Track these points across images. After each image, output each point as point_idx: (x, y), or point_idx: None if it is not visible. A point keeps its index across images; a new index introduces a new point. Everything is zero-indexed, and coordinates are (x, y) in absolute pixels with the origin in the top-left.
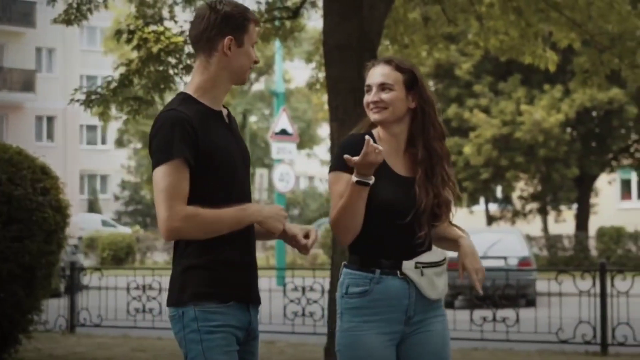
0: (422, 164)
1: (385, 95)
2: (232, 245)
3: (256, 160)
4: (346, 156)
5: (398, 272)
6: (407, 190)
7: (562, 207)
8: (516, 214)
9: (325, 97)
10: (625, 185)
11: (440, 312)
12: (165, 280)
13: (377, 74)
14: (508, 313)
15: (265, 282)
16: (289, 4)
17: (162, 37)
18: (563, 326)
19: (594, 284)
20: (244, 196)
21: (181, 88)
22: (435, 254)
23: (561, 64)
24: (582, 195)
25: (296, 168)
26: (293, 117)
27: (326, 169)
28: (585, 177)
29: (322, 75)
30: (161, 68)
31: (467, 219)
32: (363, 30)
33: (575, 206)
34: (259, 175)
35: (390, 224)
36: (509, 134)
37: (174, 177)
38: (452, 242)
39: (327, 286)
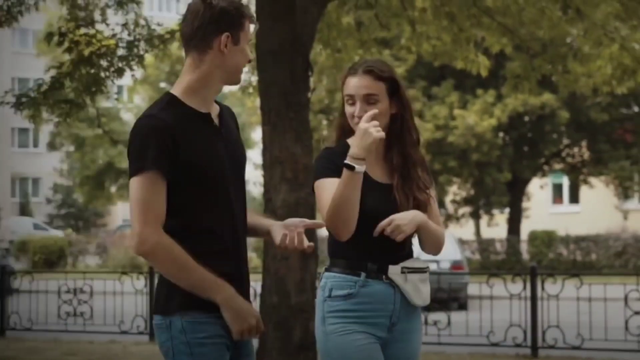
0: (398, 170)
1: (372, 109)
2: (221, 254)
3: None
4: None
5: (384, 276)
6: (388, 197)
7: (495, 211)
8: (449, 217)
9: (258, 101)
10: (557, 189)
11: (419, 323)
12: (97, 284)
13: (359, 85)
14: (439, 316)
15: None
16: None
17: (93, 40)
18: (494, 329)
19: (524, 288)
20: (233, 211)
21: (115, 90)
22: (419, 260)
23: (494, 69)
24: (514, 200)
25: None
26: None
27: (260, 172)
28: (517, 181)
29: (255, 79)
30: (92, 71)
31: None
32: (295, 35)
33: (507, 210)
34: None
35: (372, 230)
36: (442, 138)
37: (147, 190)
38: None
39: (259, 290)
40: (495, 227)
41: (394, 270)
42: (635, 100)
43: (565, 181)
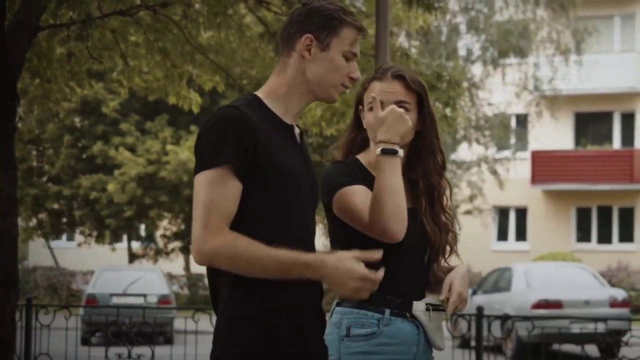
0: (425, 195)
1: None
2: (291, 290)
3: None
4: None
5: (407, 313)
6: (414, 222)
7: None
8: (159, 252)
9: None
10: None
11: None
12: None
13: (389, 90)
14: (144, 350)
15: None
16: None
17: None
18: None
19: None
20: (309, 237)
21: None
22: (434, 296)
23: (208, 106)
24: None
25: None
26: None
27: None
28: None
29: None
30: None
31: (109, 257)
32: (3, 63)
33: None
34: None
35: (401, 259)
36: (154, 173)
37: (216, 189)
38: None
39: None
40: None
41: (418, 307)
42: None
43: None
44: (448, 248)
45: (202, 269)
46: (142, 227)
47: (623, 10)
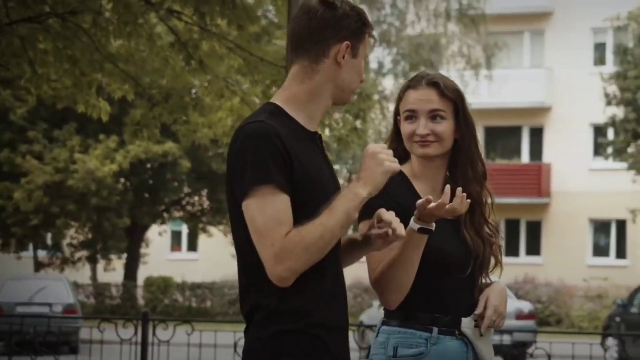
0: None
1: (438, 127)
2: (326, 306)
3: None
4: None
5: (456, 331)
6: (456, 235)
7: (113, 256)
8: (65, 261)
9: None
10: (176, 236)
11: None
12: None
13: (423, 98)
14: None
15: None
16: None
17: None
18: None
19: (135, 333)
20: (337, 249)
21: None
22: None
23: (117, 115)
24: (132, 245)
25: None
26: None
27: None
28: (136, 227)
29: None
30: None
31: (15, 265)
32: None
33: (125, 255)
34: None
35: (446, 275)
36: (61, 181)
37: (270, 207)
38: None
39: None
40: (112, 271)
41: (467, 324)
42: None
43: (184, 229)
44: (493, 261)
45: (109, 279)
46: (49, 235)
47: (533, 26)
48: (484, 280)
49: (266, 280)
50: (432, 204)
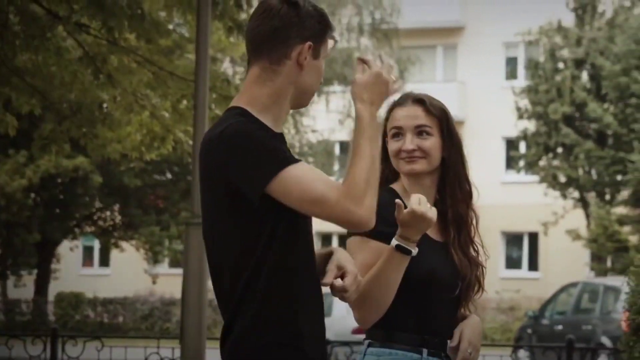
0: (454, 225)
1: (425, 143)
2: (309, 315)
3: None
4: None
5: (442, 353)
6: (445, 256)
7: (23, 272)
8: None
9: None
10: (88, 251)
11: None
12: None
13: (409, 114)
14: None
15: None
16: None
17: None
18: None
19: (44, 350)
20: (314, 253)
21: None
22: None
23: (27, 129)
24: (43, 261)
25: None
26: None
27: None
28: (47, 242)
29: None
30: None
31: None
32: None
33: (35, 271)
34: None
35: (435, 296)
36: None
37: (314, 171)
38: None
39: None
40: (23, 287)
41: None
42: (169, 167)
43: (96, 244)
44: (477, 284)
45: (19, 295)
46: None
47: (445, 40)
48: (465, 308)
49: (249, 290)
50: (406, 210)
